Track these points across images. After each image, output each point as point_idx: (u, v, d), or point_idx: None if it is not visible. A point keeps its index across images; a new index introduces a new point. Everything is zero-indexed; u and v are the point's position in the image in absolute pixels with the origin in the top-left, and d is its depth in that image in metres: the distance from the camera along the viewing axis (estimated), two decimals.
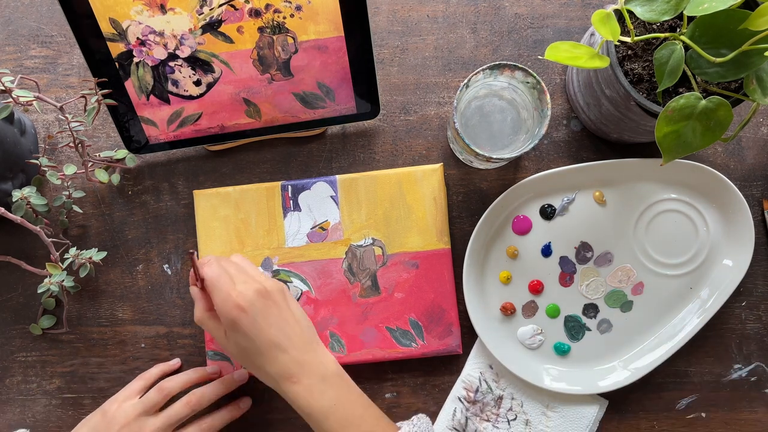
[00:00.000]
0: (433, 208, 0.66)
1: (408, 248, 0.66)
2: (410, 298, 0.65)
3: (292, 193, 0.66)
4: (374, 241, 0.66)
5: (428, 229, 0.66)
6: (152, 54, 0.60)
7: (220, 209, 0.66)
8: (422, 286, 0.66)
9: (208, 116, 0.65)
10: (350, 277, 0.66)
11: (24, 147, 0.65)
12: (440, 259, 0.66)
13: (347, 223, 0.66)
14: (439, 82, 0.69)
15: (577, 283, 0.66)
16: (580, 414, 0.65)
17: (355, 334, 0.65)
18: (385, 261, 0.66)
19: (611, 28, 0.50)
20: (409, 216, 0.66)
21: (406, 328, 0.65)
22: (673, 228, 0.65)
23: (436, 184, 0.66)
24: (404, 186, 0.66)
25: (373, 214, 0.66)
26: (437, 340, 0.65)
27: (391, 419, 0.65)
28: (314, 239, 0.66)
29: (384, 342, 0.65)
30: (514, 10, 0.70)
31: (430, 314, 0.65)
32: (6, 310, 0.68)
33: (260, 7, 0.58)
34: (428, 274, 0.66)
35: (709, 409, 0.67)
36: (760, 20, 0.46)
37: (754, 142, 0.68)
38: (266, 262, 0.66)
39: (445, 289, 0.65)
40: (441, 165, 0.66)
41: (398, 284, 0.66)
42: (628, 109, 0.57)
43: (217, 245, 0.66)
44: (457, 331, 0.65)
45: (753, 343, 0.67)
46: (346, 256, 0.66)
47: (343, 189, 0.66)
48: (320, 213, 0.66)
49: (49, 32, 0.70)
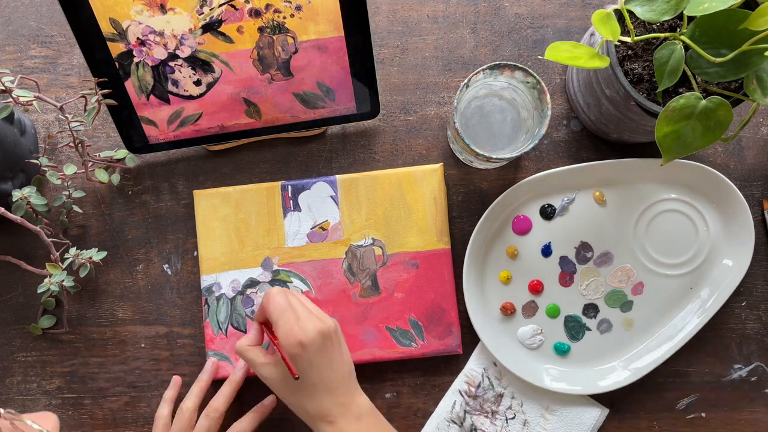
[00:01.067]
0: (433, 208, 0.66)
1: (408, 248, 0.66)
2: (410, 298, 0.65)
3: (292, 193, 0.66)
4: (374, 241, 0.66)
5: (428, 229, 0.66)
6: (152, 54, 0.60)
7: (220, 209, 0.66)
8: (422, 286, 0.65)
9: (208, 116, 0.65)
10: (350, 277, 0.66)
11: (24, 147, 0.65)
12: (440, 259, 0.66)
13: (347, 223, 0.66)
14: (439, 82, 0.69)
15: (577, 283, 0.66)
16: (580, 419, 0.65)
17: (355, 333, 0.65)
18: (385, 261, 0.66)
19: (611, 28, 0.50)
20: (409, 216, 0.66)
21: (406, 328, 0.65)
22: (673, 228, 0.65)
23: (436, 184, 0.66)
24: (404, 186, 0.66)
25: (373, 214, 0.66)
26: (437, 340, 0.65)
27: (391, 419, 0.66)
28: (314, 239, 0.66)
29: (384, 342, 0.65)
30: (514, 10, 0.70)
31: (430, 314, 0.65)
32: (6, 310, 0.68)
33: (260, 7, 0.58)
34: (428, 274, 0.65)
35: (709, 409, 0.67)
36: (760, 20, 0.46)
37: (754, 142, 0.68)
38: (266, 262, 0.66)
39: (445, 289, 0.65)
40: (441, 165, 0.66)
41: (398, 284, 0.66)
42: (628, 109, 0.57)
43: (217, 245, 0.66)
44: (457, 331, 0.65)
45: (753, 343, 0.67)
46: (346, 256, 0.66)
47: (343, 189, 0.66)
48: (320, 213, 0.66)
49: (49, 32, 0.70)
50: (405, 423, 0.66)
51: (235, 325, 0.66)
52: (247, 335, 0.61)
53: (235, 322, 0.66)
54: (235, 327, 0.66)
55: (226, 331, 0.66)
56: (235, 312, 0.66)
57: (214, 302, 0.66)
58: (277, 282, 0.66)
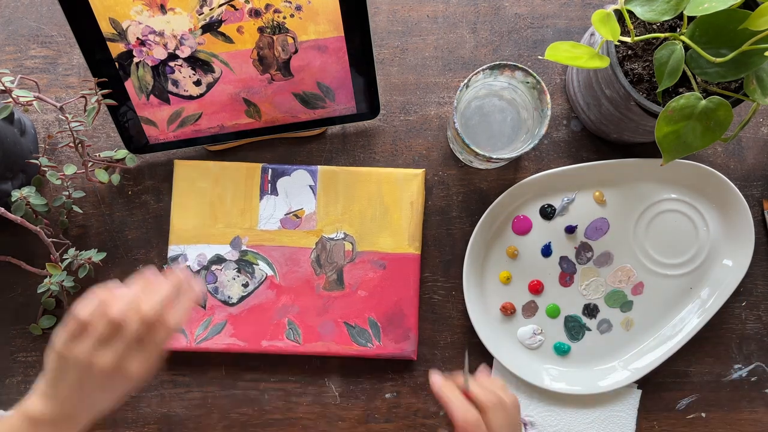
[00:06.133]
0: (409, 212, 0.66)
1: (378, 248, 0.66)
2: (373, 298, 0.66)
3: (272, 177, 0.66)
4: (346, 236, 0.66)
5: (401, 232, 0.66)
6: (152, 54, 0.60)
7: (198, 182, 0.66)
8: (386, 287, 0.66)
9: (208, 116, 0.65)
10: (317, 268, 0.66)
11: (24, 147, 0.65)
12: (408, 263, 0.66)
13: (322, 215, 0.66)
14: (439, 82, 0.69)
15: (577, 283, 0.66)
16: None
17: (313, 325, 0.65)
18: (353, 257, 0.66)
19: (611, 28, 0.50)
20: (384, 216, 0.66)
21: (364, 327, 0.65)
22: (673, 228, 0.65)
23: (415, 189, 0.66)
24: (384, 186, 0.66)
25: (349, 209, 0.66)
26: (393, 343, 0.65)
27: (391, 419, 0.66)
28: (287, 225, 0.66)
29: (340, 337, 0.65)
30: (514, 10, 0.70)
31: (390, 316, 0.65)
32: (6, 310, 0.68)
33: (260, 7, 0.58)
34: (394, 276, 0.66)
35: (709, 409, 0.67)
36: (760, 20, 0.46)
37: (754, 142, 0.68)
38: (236, 241, 0.66)
39: (409, 294, 0.65)
40: (423, 171, 0.66)
41: (363, 282, 0.66)
42: (628, 109, 0.57)
43: (190, 217, 0.66)
44: (415, 336, 0.65)
45: (753, 343, 0.67)
46: (316, 246, 0.66)
47: (322, 180, 0.66)
48: (296, 200, 0.66)
49: (49, 32, 0.70)
50: (405, 423, 0.66)
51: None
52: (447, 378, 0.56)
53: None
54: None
55: None
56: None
57: None
58: (243, 263, 0.65)
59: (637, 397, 0.65)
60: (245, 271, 0.66)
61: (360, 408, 0.66)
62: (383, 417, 0.66)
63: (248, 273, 0.66)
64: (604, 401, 0.66)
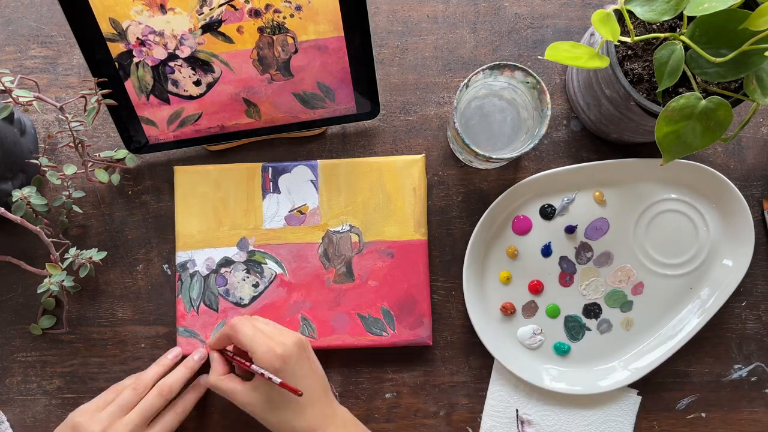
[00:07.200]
0: (412, 198, 0.66)
1: (384, 237, 0.66)
2: (383, 287, 0.66)
3: (273, 175, 0.66)
4: (351, 227, 0.66)
5: (406, 219, 0.66)
6: (152, 54, 0.60)
7: (200, 186, 0.66)
8: (396, 275, 0.66)
9: (208, 116, 0.65)
10: (325, 262, 0.66)
11: (24, 147, 0.65)
12: (416, 249, 0.66)
13: (326, 209, 0.66)
14: (439, 82, 0.69)
15: (577, 283, 0.66)
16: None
17: (326, 319, 0.65)
18: (360, 248, 0.66)
19: (611, 28, 0.50)
20: (388, 205, 0.66)
21: (377, 316, 0.65)
22: (673, 228, 0.65)
23: (416, 175, 0.66)
24: (385, 175, 0.66)
25: (352, 201, 0.66)
26: (408, 330, 0.65)
27: (392, 419, 0.66)
28: (292, 222, 0.66)
29: (355, 329, 0.65)
30: (514, 10, 0.70)
31: (402, 304, 0.65)
32: (6, 310, 0.68)
33: (260, 7, 0.58)
34: (403, 264, 0.66)
35: (709, 409, 0.67)
36: (760, 20, 0.46)
37: (754, 142, 0.68)
38: (242, 242, 0.66)
39: (419, 280, 0.66)
40: (423, 156, 0.66)
41: (372, 272, 0.66)
42: (628, 109, 0.57)
43: (194, 222, 0.66)
44: (428, 322, 0.65)
45: (753, 343, 0.67)
46: (323, 241, 0.66)
47: (323, 174, 0.66)
48: (299, 197, 0.66)
49: (49, 32, 0.70)
50: (405, 423, 0.66)
51: (207, 303, 0.66)
52: (214, 368, 0.60)
53: (208, 300, 0.66)
54: (207, 305, 0.66)
55: (197, 309, 0.66)
56: (207, 290, 0.66)
57: (188, 279, 0.66)
58: (251, 263, 0.66)
59: (636, 403, 0.66)
60: (254, 272, 0.66)
61: (360, 408, 0.66)
62: (383, 417, 0.66)
63: (257, 273, 0.66)
64: (603, 404, 0.66)
